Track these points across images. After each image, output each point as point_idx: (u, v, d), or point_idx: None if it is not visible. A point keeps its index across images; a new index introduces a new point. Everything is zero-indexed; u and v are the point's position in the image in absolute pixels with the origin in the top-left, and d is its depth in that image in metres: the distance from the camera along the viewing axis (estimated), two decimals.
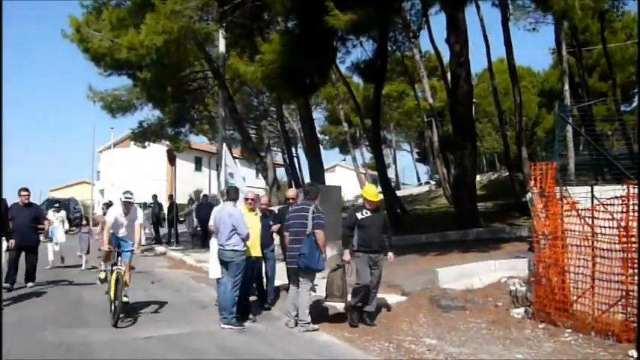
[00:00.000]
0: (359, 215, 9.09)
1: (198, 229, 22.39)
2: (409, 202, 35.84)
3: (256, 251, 9.87)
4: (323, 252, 8.86)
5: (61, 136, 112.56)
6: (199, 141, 49.66)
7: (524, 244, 14.48)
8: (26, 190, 12.79)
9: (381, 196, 9.23)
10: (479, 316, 9.42)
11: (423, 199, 39.23)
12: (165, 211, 26.34)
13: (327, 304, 9.69)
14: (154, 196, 27.20)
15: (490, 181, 40.76)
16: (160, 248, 22.12)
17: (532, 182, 9.26)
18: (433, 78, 40.33)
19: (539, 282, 9.09)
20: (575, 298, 8.58)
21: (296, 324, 8.92)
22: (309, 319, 8.75)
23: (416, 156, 69.16)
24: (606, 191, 8.66)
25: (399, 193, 36.81)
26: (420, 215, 26.44)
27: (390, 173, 52.02)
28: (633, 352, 7.11)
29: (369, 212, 9.11)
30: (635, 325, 7.59)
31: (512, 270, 11.09)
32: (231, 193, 9.72)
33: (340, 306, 9.55)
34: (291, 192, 11.22)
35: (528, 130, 40.14)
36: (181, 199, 32.69)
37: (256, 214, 10.09)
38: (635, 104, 44.40)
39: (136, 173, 49.87)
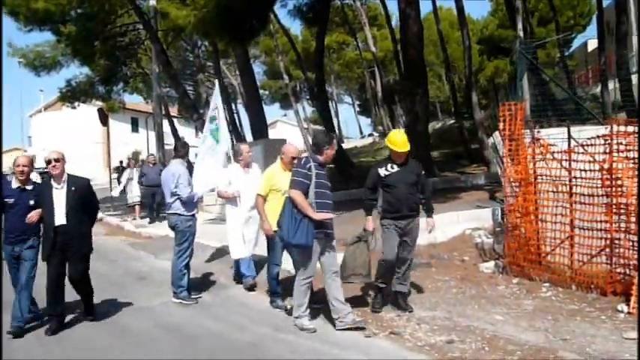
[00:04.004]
0: (382, 171, 6.97)
1: (140, 199, 18.20)
2: (354, 155, 35.04)
3: None
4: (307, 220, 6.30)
5: None
6: (135, 101, 47.75)
7: (482, 192, 13.93)
8: None
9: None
10: (446, 272, 8.66)
11: (368, 152, 38.52)
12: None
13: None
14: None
15: (434, 130, 40.33)
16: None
17: (500, 124, 8.44)
18: (373, 28, 39.46)
19: (510, 233, 8.37)
20: (551, 249, 7.87)
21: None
22: (304, 319, 6.53)
23: (357, 108, 68.57)
24: (578, 132, 7.88)
25: (343, 146, 36.02)
26: (368, 168, 25.54)
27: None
28: (623, 307, 6.44)
29: (395, 166, 6.99)
30: (620, 277, 6.95)
31: (476, 220, 10.48)
32: (179, 149, 8.64)
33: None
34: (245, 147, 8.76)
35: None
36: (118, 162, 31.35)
37: None
38: (573, 48, 44.63)
39: (71, 137, 47.81)
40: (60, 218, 6.72)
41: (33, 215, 6.75)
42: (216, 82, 10.99)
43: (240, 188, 8.26)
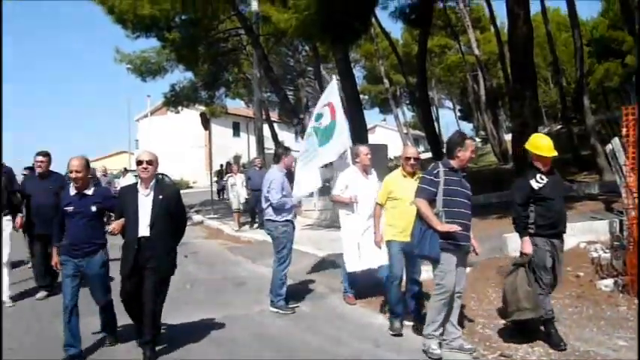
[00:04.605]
0: (534, 184, 5.96)
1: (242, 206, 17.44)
2: None
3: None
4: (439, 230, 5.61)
5: (100, 106, 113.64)
6: (236, 105, 48.60)
7: (596, 202, 12.98)
8: (44, 154, 8.97)
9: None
10: (559, 289, 7.93)
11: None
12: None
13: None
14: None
15: None
16: (197, 217, 21.05)
17: (624, 129, 7.69)
18: (476, 30, 38.42)
19: (632, 248, 7.60)
20: None
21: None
22: (432, 341, 5.81)
23: (458, 113, 67.09)
24: None
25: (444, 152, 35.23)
26: (470, 174, 24.80)
27: None
28: None
29: (544, 177, 6.00)
30: None
31: (591, 233, 9.63)
32: (277, 153, 8.35)
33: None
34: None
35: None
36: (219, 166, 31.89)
37: (417, 179, 6.33)
38: None
39: (174, 141, 49.26)
40: (143, 229, 5.82)
41: (115, 226, 5.91)
42: (334, 78, 10.32)
43: (358, 194, 7.69)
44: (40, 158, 8.85)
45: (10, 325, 7.14)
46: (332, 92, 9.30)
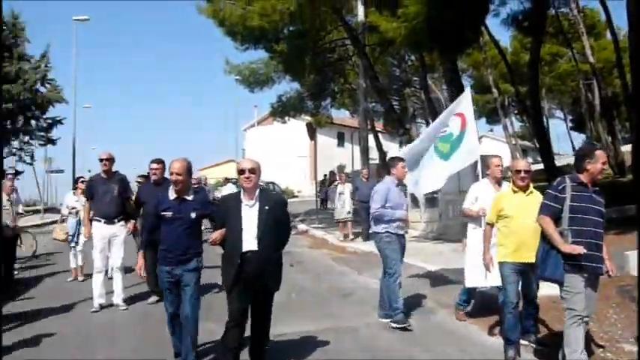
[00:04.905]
0: None
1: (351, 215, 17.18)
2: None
3: (529, 254, 5.71)
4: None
5: (208, 117, 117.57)
6: (341, 115, 48.87)
7: None
8: (159, 161, 8.99)
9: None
10: None
11: None
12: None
13: None
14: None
15: None
16: (301, 226, 21.19)
17: None
18: (590, 37, 36.86)
19: None
20: None
21: None
22: None
23: (570, 123, 64.59)
24: None
25: (556, 164, 33.91)
26: None
27: None
28: None
29: None
30: None
31: None
32: (389, 164, 8.15)
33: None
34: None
35: None
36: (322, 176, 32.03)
37: (529, 194, 6.23)
38: None
39: (279, 150, 50.12)
40: (250, 243, 5.37)
41: (216, 236, 5.52)
42: (468, 87, 9.88)
43: (488, 207, 7.14)
44: (154, 165, 8.91)
45: (122, 327, 7.38)
46: (464, 102, 8.89)
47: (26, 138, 33.30)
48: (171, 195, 5.84)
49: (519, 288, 6.17)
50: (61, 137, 35.41)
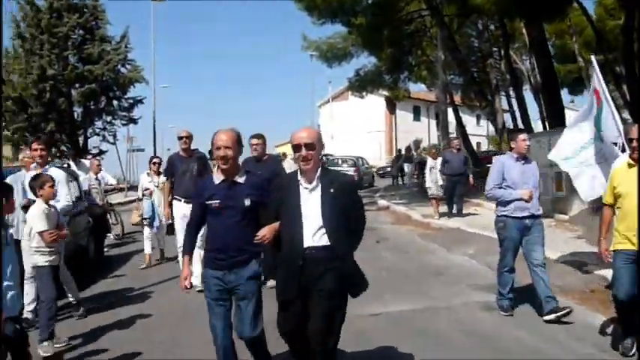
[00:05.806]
0: None
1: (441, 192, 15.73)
2: None
3: None
4: None
5: (283, 93, 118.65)
6: (417, 89, 48.13)
7: None
8: (258, 136, 8.07)
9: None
10: None
11: None
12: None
13: None
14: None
15: None
16: (382, 202, 20.89)
17: None
18: None
19: None
20: None
21: None
22: None
23: None
24: None
25: None
26: None
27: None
28: None
29: None
30: None
31: None
32: (509, 137, 7.53)
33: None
34: None
35: None
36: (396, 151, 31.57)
37: None
38: None
39: (355, 126, 49.87)
40: (312, 238, 4.07)
41: (266, 233, 4.21)
42: (592, 58, 8.31)
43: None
44: (255, 141, 8.01)
45: None
46: (594, 76, 7.94)
47: (109, 118, 34.06)
48: (217, 178, 4.51)
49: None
50: (142, 117, 36.37)
